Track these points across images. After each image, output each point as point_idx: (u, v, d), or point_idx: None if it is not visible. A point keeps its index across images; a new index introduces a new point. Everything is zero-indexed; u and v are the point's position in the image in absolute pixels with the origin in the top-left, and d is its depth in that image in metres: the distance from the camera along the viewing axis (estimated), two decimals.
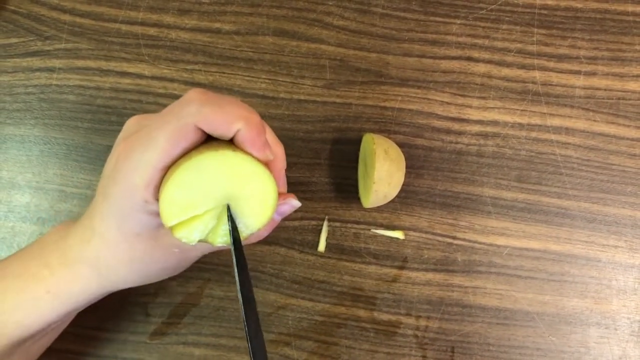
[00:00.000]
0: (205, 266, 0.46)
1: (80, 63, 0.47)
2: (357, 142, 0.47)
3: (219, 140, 0.29)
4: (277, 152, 0.32)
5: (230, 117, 0.28)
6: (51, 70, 0.47)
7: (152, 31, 0.47)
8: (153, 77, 0.47)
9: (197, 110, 0.27)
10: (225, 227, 0.29)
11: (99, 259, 0.32)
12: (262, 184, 0.29)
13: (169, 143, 0.27)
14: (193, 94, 0.28)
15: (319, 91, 0.47)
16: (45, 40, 0.47)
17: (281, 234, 0.46)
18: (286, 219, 0.46)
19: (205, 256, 0.45)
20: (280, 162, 0.32)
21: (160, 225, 0.31)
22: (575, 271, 0.46)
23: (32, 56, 0.47)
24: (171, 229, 0.28)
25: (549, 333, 0.45)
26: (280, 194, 0.32)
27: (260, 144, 0.28)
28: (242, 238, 0.30)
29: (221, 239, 0.30)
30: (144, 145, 0.28)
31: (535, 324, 0.45)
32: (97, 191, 0.32)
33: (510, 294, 0.45)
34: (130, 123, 0.32)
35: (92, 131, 0.47)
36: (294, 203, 0.33)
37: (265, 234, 0.34)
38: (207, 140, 0.29)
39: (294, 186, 0.46)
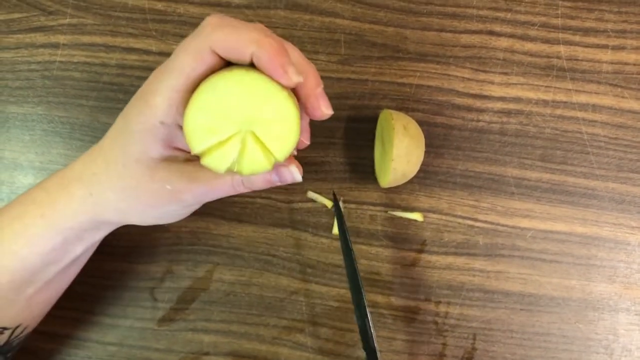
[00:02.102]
0: (215, 249, 0.44)
1: (85, 39, 0.45)
2: (374, 120, 0.45)
3: (240, 65, 0.29)
4: (307, 71, 0.30)
5: (243, 40, 0.27)
6: (55, 46, 0.45)
7: (159, 5, 0.46)
8: (161, 53, 0.45)
9: (209, 33, 0.28)
10: (252, 155, 0.29)
11: (93, 177, 0.32)
12: (280, 104, 0.28)
13: (186, 66, 0.28)
14: (209, 18, 0.29)
15: (334, 67, 0.45)
16: (49, 15, 0.46)
17: (294, 216, 0.44)
18: (300, 200, 0.44)
19: (214, 239, 0.44)
20: (313, 80, 0.30)
21: (163, 157, 0.31)
22: (603, 255, 0.43)
23: (36, 32, 0.46)
24: (199, 156, 0.29)
25: (576, 319, 0.43)
26: (290, 161, 0.31)
27: (277, 65, 0.27)
28: (269, 164, 0.29)
29: (248, 168, 0.29)
30: (166, 70, 0.29)
31: (561, 310, 0.43)
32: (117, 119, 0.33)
33: (534, 278, 0.43)
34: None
35: (98, 109, 0.45)
36: (297, 177, 0.32)
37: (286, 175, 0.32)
38: (229, 66, 0.29)
39: (307, 166, 0.44)
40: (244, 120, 0.28)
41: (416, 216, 0.44)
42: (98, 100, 0.45)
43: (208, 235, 0.44)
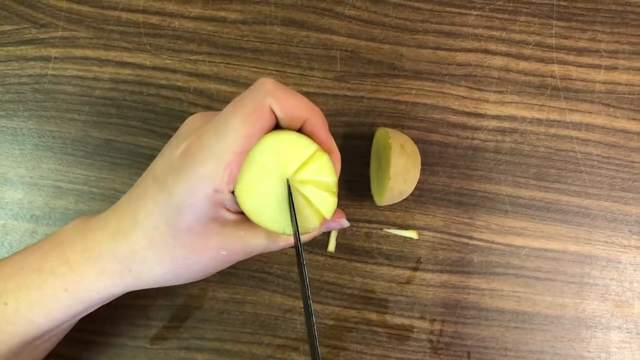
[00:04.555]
0: None
1: (77, 52, 0.45)
2: (369, 138, 0.44)
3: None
4: (334, 149, 0.32)
5: (302, 103, 0.29)
6: (47, 59, 0.45)
7: (154, 19, 0.45)
8: (155, 68, 0.45)
9: (272, 91, 0.28)
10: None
11: (135, 255, 0.30)
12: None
13: (247, 125, 0.27)
14: (266, 79, 0.29)
15: (329, 84, 0.45)
16: (41, 28, 0.45)
17: None
18: None
19: None
20: (337, 155, 0.32)
21: (215, 221, 0.30)
22: (596, 273, 0.44)
23: (27, 44, 0.45)
24: (253, 218, 0.29)
25: (569, 337, 0.43)
26: (336, 212, 0.33)
27: (327, 132, 0.30)
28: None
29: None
30: (219, 132, 0.28)
31: (555, 328, 0.43)
32: (145, 183, 0.31)
33: (528, 296, 0.44)
34: (194, 118, 0.32)
35: (90, 124, 0.44)
36: (344, 224, 0.34)
37: (316, 233, 0.33)
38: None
39: None
40: (294, 181, 0.30)
41: (411, 234, 0.44)
42: (90, 114, 0.44)
43: None
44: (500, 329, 0.43)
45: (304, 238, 0.32)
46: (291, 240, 0.31)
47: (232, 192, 0.29)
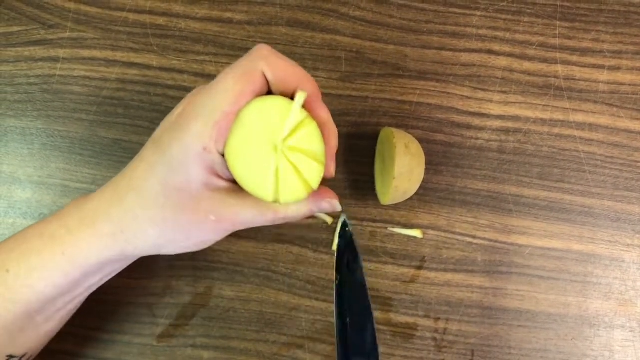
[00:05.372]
0: (215, 265, 0.44)
1: (85, 53, 0.45)
2: (374, 137, 0.45)
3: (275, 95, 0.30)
4: (332, 129, 0.32)
5: (294, 71, 0.29)
6: (55, 60, 0.45)
7: (160, 20, 0.46)
8: (161, 68, 0.45)
9: (265, 56, 0.28)
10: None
11: (127, 216, 0.31)
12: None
13: (238, 85, 0.28)
14: (262, 45, 0.29)
15: (334, 84, 0.45)
16: (49, 29, 0.45)
17: (294, 232, 0.44)
18: None
19: (214, 255, 0.44)
20: (334, 141, 0.32)
21: (207, 186, 0.30)
22: (599, 272, 0.44)
23: (35, 45, 0.45)
24: (241, 184, 0.29)
25: (572, 336, 0.44)
26: (326, 191, 0.33)
27: (319, 101, 0.30)
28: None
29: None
30: (211, 92, 0.28)
31: (558, 327, 0.44)
32: (144, 148, 0.32)
33: (532, 295, 0.44)
34: (196, 88, 0.33)
35: (97, 124, 0.45)
36: (337, 207, 0.33)
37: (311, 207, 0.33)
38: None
39: None
40: (281, 147, 0.29)
41: (415, 233, 0.44)
42: (98, 114, 0.45)
43: (208, 251, 0.44)
44: (504, 328, 0.44)
45: (294, 215, 0.32)
46: (280, 215, 0.31)
47: (223, 156, 0.29)
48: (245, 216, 0.31)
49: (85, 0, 0.46)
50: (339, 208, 0.33)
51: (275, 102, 0.29)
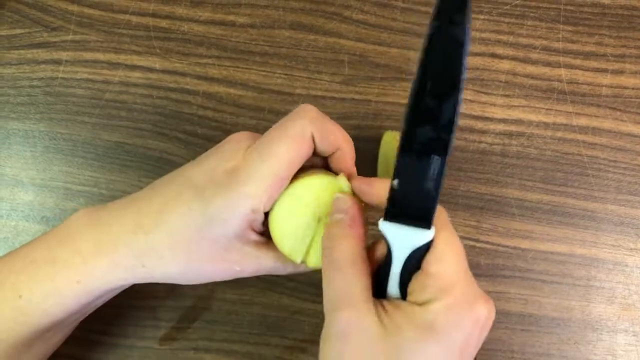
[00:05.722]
0: None
1: (88, 55, 0.45)
2: (376, 141, 0.45)
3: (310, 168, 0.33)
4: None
5: (339, 133, 0.31)
6: (57, 62, 0.45)
7: (163, 23, 0.46)
8: (164, 71, 0.45)
9: (315, 118, 0.30)
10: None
11: (152, 252, 0.30)
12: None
13: (290, 151, 0.29)
14: (308, 106, 0.31)
15: (337, 87, 0.45)
16: (52, 32, 0.45)
17: None
18: None
19: None
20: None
21: (240, 239, 0.31)
22: (602, 276, 0.44)
23: (38, 48, 0.45)
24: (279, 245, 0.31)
25: (575, 340, 0.44)
26: None
27: (353, 162, 0.32)
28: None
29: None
30: (263, 155, 0.29)
31: (561, 331, 0.44)
32: (181, 188, 0.31)
33: (534, 299, 0.44)
34: (240, 135, 0.32)
35: (100, 127, 0.45)
36: None
37: None
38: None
39: None
40: (324, 220, 0.31)
41: None
42: (100, 117, 0.45)
43: None
44: (507, 332, 0.44)
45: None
46: (300, 270, 0.33)
47: (265, 215, 0.31)
48: (267, 266, 0.32)
49: (88, 2, 0.46)
50: None
51: (326, 181, 0.31)
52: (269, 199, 0.29)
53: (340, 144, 0.31)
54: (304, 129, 0.29)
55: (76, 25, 0.45)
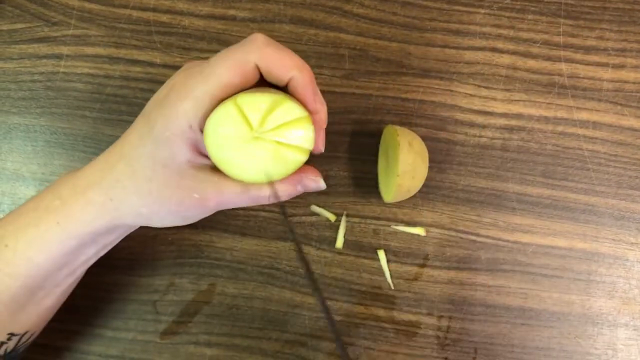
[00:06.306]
0: (218, 263, 0.44)
1: (89, 50, 0.45)
2: (377, 135, 0.45)
3: (264, 87, 0.31)
4: (320, 108, 0.32)
5: (289, 61, 0.29)
6: (58, 57, 0.45)
7: (164, 18, 0.46)
8: (165, 66, 0.45)
9: (259, 47, 0.29)
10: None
11: (117, 186, 0.32)
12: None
13: (228, 73, 0.29)
14: (258, 34, 0.30)
15: (338, 82, 0.45)
16: (53, 26, 0.45)
17: (297, 230, 0.44)
18: (303, 213, 0.44)
19: (217, 252, 0.44)
20: (324, 116, 0.32)
21: (191, 163, 0.31)
22: (603, 270, 0.44)
23: (39, 42, 0.45)
24: (220, 166, 0.30)
25: (575, 334, 0.44)
26: (310, 169, 0.33)
27: (312, 91, 0.30)
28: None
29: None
30: (203, 74, 0.29)
31: (561, 325, 0.44)
32: (136, 120, 0.33)
33: (535, 293, 0.44)
34: (188, 63, 0.33)
35: (101, 121, 0.45)
36: (321, 184, 0.34)
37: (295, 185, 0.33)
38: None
39: None
40: (258, 135, 0.29)
41: (419, 231, 0.44)
42: (101, 112, 0.45)
43: (211, 249, 0.44)
44: (507, 326, 0.44)
45: (280, 194, 0.32)
46: (264, 193, 0.32)
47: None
48: (229, 195, 0.31)
49: None
50: (323, 186, 0.34)
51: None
52: (204, 117, 0.29)
53: (290, 71, 0.30)
54: (248, 55, 0.29)
55: (77, 19, 0.45)
